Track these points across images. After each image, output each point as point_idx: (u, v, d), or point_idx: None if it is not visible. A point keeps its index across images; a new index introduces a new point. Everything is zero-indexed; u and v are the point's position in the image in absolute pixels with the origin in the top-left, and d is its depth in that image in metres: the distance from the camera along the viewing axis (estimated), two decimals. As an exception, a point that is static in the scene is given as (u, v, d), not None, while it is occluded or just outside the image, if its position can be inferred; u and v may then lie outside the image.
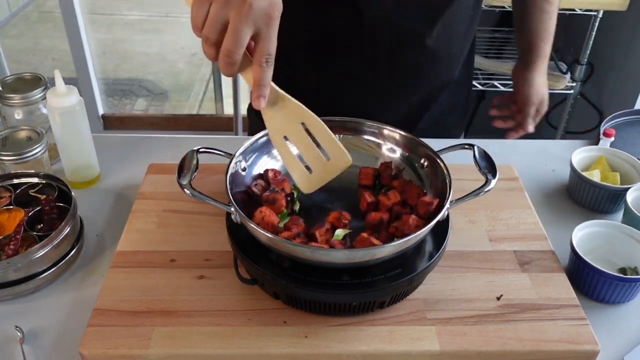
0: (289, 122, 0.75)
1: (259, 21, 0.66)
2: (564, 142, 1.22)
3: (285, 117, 0.74)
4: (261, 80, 0.69)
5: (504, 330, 0.76)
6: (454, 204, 0.78)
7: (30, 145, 0.98)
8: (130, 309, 0.78)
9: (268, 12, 0.67)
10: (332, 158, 0.76)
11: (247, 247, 0.78)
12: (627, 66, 2.14)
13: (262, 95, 0.70)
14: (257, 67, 0.69)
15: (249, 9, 0.65)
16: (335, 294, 0.74)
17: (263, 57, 0.68)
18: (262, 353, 0.73)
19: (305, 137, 0.75)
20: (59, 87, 0.96)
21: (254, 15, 0.65)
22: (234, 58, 0.66)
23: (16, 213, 0.89)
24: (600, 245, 0.90)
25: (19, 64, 3.40)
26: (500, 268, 0.86)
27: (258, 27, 0.67)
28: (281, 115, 0.74)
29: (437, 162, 0.85)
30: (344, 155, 0.76)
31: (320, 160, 0.76)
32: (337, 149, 0.76)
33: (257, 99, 0.70)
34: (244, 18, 0.65)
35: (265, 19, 0.67)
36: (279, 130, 0.75)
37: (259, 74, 0.69)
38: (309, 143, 0.75)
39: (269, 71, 0.69)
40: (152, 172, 1.02)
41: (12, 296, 0.83)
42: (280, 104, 0.74)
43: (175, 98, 3.30)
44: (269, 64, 0.69)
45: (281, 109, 0.74)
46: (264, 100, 0.70)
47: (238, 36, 0.65)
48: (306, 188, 0.79)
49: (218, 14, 0.65)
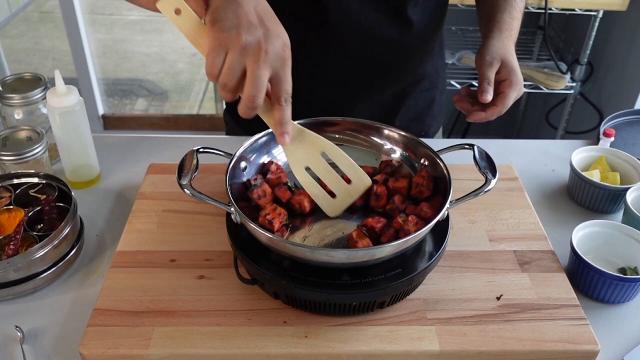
0: (310, 153, 0.79)
1: (276, 64, 0.69)
2: (564, 142, 1.22)
3: (305, 149, 0.79)
4: (283, 118, 0.73)
5: (504, 330, 0.76)
6: (454, 204, 0.78)
7: (30, 145, 0.98)
8: (130, 309, 0.78)
9: (282, 55, 0.70)
10: (353, 181, 0.81)
11: (247, 247, 0.78)
12: (627, 66, 2.14)
13: (286, 132, 0.74)
14: (278, 106, 0.72)
15: (265, 55, 0.68)
16: (335, 294, 0.74)
17: (282, 97, 0.72)
18: (262, 353, 0.73)
19: (326, 165, 0.80)
20: (59, 87, 0.96)
21: (270, 60, 0.68)
22: (257, 103, 0.69)
23: (16, 213, 0.89)
24: (600, 245, 0.90)
25: (19, 64, 3.40)
26: (500, 268, 0.86)
27: (275, 70, 0.70)
28: (302, 147, 0.79)
29: (437, 162, 0.85)
30: (363, 177, 0.82)
31: (342, 185, 0.81)
32: (356, 172, 0.81)
33: (282, 135, 0.74)
34: (262, 64, 0.68)
35: (281, 62, 0.70)
36: (300, 162, 0.80)
37: (280, 113, 0.73)
38: (330, 170, 0.80)
39: (288, 109, 0.73)
40: (152, 172, 1.02)
41: (12, 296, 0.83)
42: (300, 138, 0.78)
43: (175, 98, 3.30)
44: (288, 103, 0.72)
45: (301, 142, 0.79)
46: (288, 137, 0.75)
47: (259, 82, 0.68)
48: (332, 212, 0.82)
49: (236, 62, 0.68)
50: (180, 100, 3.28)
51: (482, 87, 0.92)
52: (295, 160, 0.79)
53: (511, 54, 0.96)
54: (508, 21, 1.00)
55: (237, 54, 0.67)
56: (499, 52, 0.94)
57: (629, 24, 2.12)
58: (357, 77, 1.10)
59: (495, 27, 0.99)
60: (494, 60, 0.93)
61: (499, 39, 0.96)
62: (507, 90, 0.92)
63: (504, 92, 0.92)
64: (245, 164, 0.87)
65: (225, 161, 0.84)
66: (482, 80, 0.92)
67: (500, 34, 0.98)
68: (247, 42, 0.67)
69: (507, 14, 1.00)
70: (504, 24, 0.99)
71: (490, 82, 0.92)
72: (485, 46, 0.96)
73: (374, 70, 1.10)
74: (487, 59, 0.93)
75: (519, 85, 0.94)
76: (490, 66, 0.93)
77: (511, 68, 0.93)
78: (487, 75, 0.92)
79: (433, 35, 1.14)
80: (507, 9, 1.01)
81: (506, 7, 1.01)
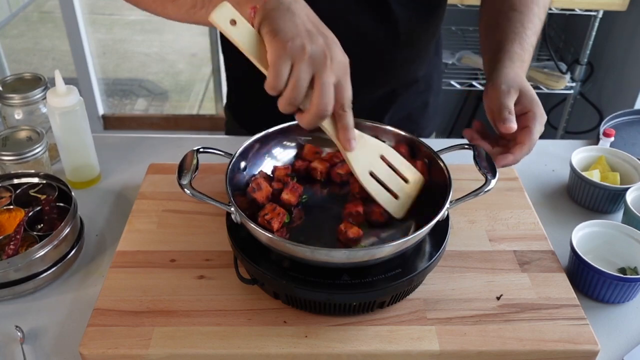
0: (372, 157, 0.80)
1: (339, 72, 0.69)
2: (564, 142, 1.22)
3: (367, 153, 0.79)
4: (348, 124, 0.73)
5: (504, 330, 0.76)
6: (454, 204, 0.78)
7: (30, 145, 0.98)
8: (130, 309, 0.78)
9: (344, 62, 0.70)
10: (410, 180, 0.82)
11: (247, 247, 0.78)
12: (627, 66, 2.14)
13: (353, 138, 0.74)
14: (342, 113, 0.72)
15: (330, 63, 0.67)
16: (335, 294, 0.74)
17: (346, 104, 0.71)
18: (262, 353, 0.73)
19: (387, 168, 0.81)
20: (59, 87, 0.96)
21: (335, 68, 0.68)
22: (329, 112, 0.69)
23: (16, 213, 0.89)
24: (600, 245, 0.90)
25: (19, 64, 3.40)
26: (500, 268, 0.86)
27: (338, 77, 0.69)
28: (363, 152, 0.78)
29: (437, 162, 0.85)
30: (417, 175, 0.83)
31: (402, 185, 0.82)
32: (411, 171, 0.83)
33: (349, 142, 0.74)
34: (330, 72, 0.67)
35: (344, 69, 0.70)
36: (365, 167, 0.79)
37: (345, 120, 0.72)
38: (392, 173, 0.81)
39: (351, 115, 0.73)
40: (152, 172, 1.02)
41: (12, 296, 0.83)
42: (360, 142, 0.78)
43: (175, 98, 3.30)
44: (350, 109, 0.72)
45: (362, 147, 0.78)
46: (354, 142, 0.74)
47: (329, 91, 0.68)
48: (398, 214, 0.82)
49: (304, 73, 0.66)
50: (180, 100, 3.28)
51: (502, 116, 0.83)
52: (360, 166, 0.78)
53: (528, 84, 0.88)
54: (519, 52, 0.91)
55: (305, 64, 0.66)
56: (515, 80, 0.86)
57: (629, 24, 2.12)
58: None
59: (506, 56, 0.90)
60: (511, 88, 0.85)
61: (511, 68, 0.88)
62: (531, 125, 0.83)
63: (527, 127, 0.84)
64: (245, 164, 0.87)
65: (225, 161, 0.84)
66: (501, 109, 0.83)
67: (511, 63, 0.89)
68: (312, 52, 0.66)
69: (518, 45, 0.92)
70: (515, 54, 0.91)
71: (512, 111, 0.83)
72: (499, 75, 0.87)
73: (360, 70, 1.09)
74: (503, 87, 0.85)
75: (543, 118, 0.85)
76: (509, 94, 0.84)
77: (532, 98, 0.85)
78: (507, 103, 0.84)
79: (424, 37, 1.12)
80: (517, 39, 0.93)
81: (516, 38, 0.93)
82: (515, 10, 0.95)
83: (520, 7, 0.95)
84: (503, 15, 0.95)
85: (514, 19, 0.94)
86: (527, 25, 0.93)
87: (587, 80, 2.30)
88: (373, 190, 0.80)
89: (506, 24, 0.94)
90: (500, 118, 0.83)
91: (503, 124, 0.83)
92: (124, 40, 3.73)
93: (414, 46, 1.11)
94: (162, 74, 3.47)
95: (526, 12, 0.95)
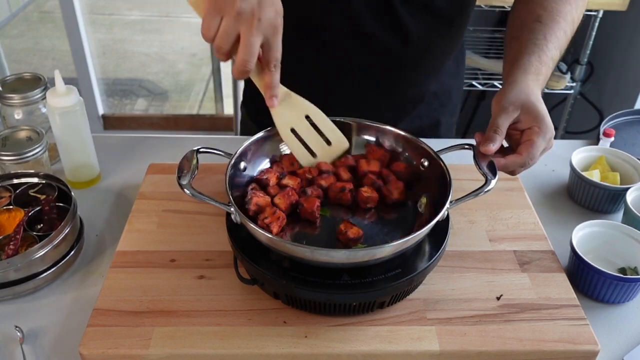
0: (295, 115, 0.86)
1: (267, 32, 0.73)
2: (564, 142, 1.22)
3: (291, 111, 0.85)
4: (272, 82, 0.79)
5: (504, 330, 0.76)
6: (454, 204, 0.78)
7: (30, 145, 0.98)
8: (130, 309, 0.78)
9: (274, 23, 0.74)
10: (333, 143, 0.89)
11: (247, 247, 0.78)
12: (627, 66, 2.14)
13: (275, 95, 0.80)
14: (268, 71, 0.78)
15: (258, 22, 0.71)
16: (335, 294, 0.74)
17: (272, 63, 0.77)
18: (262, 353, 0.73)
19: (309, 127, 0.87)
20: (59, 87, 0.96)
21: (262, 27, 0.72)
22: (249, 67, 0.74)
23: (16, 213, 0.89)
24: (600, 245, 0.90)
25: (19, 64, 3.40)
26: (500, 268, 0.86)
27: (266, 37, 0.74)
28: (288, 110, 0.85)
29: (437, 162, 0.85)
30: (342, 139, 0.89)
31: (323, 146, 0.89)
32: (337, 135, 0.89)
33: (271, 98, 0.80)
34: (255, 30, 0.72)
35: (272, 30, 0.74)
36: (287, 124, 0.86)
37: (270, 78, 0.78)
38: (313, 132, 0.87)
39: (277, 74, 0.79)
40: (152, 172, 1.02)
41: (12, 296, 0.83)
42: (287, 101, 0.84)
43: (175, 98, 3.30)
44: (277, 68, 0.78)
45: (288, 104, 0.84)
46: (276, 100, 0.80)
47: (251, 48, 0.72)
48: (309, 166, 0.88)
49: (230, 28, 0.71)
50: (180, 100, 3.28)
51: (486, 134, 0.82)
52: (282, 121, 0.85)
53: (537, 99, 0.84)
54: (536, 64, 0.87)
55: (232, 19, 0.71)
56: (519, 97, 0.83)
57: (629, 24, 2.12)
58: (347, 85, 1.08)
59: (520, 70, 0.87)
60: (510, 106, 0.82)
61: (521, 82, 0.85)
62: (535, 138, 0.81)
63: (530, 140, 0.81)
64: (245, 164, 0.87)
65: (225, 161, 0.84)
66: (490, 126, 0.82)
67: (525, 77, 0.86)
68: (241, 9, 0.70)
69: (536, 58, 0.88)
70: (531, 66, 0.87)
71: (499, 130, 0.81)
72: (503, 91, 0.85)
73: (366, 80, 1.08)
74: (501, 104, 0.83)
75: (549, 134, 0.82)
76: (504, 113, 0.82)
77: (537, 114, 0.81)
78: (496, 121, 0.82)
79: (438, 52, 1.09)
80: (537, 52, 0.88)
81: (535, 50, 0.89)
82: (540, 22, 0.92)
83: (546, 20, 0.92)
84: (527, 27, 0.92)
85: (537, 30, 0.91)
86: (550, 38, 0.90)
87: (587, 80, 2.30)
88: (289, 142, 0.87)
89: (528, 36, 0.91)
90: (485, 136, 0.82)
91: (482, 143, 0.81)
92: (124, 40, 3.73)
93: (425, 60, 1.09)
94: (162, 74, 3.47)
95: (551, 24, 0.91)
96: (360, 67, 1.07)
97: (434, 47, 1.08)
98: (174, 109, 3.23)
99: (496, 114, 0.83)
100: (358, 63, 1.06)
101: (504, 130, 0.82)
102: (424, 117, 1.17)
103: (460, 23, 1.08)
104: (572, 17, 0.94)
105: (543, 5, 0.93)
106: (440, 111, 1.19)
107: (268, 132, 0.89)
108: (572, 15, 0.94)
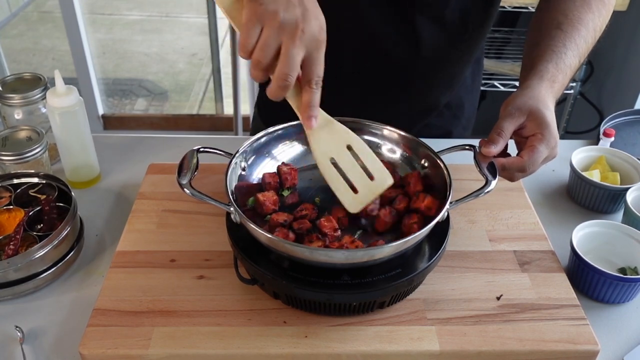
0: (336, 145, 0.78)
1: (310, 45, 0.68)
2: (564, 142, 1.22)
3: (332, 140, 0.77)
4: (312, 101, 0.72)
5: (504, 330, 0.76)
6: (454, 205, 0.78)
7: (30, 145, 0.98)
8: (130, 309, 0.78)
9: (318, 37, 0.69)
10: (376, 178, 0.79)
11: (247, 247, 0.78)
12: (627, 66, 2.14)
13: (314, 116, 0.73)
14: (308, 89, 0.71)
15: (301, 34, 0.67)
16: (335, 294, 0.74)
17: (313, 80, 0.71)
18: (262, 353, 0.73)
19: (351, 159, 0.78)
20: (59, 87, 0.96)
21: (306, 40, 0.67)
22: (289, 81, 0.68)
23: (16, 213, 0.89)
24: (600, 245, 0.90)
25: (19, 64, 3.40)
26: (500, 268, 0.86)
27: (309, 51, 0.69)
28: (328, 138, 0.77)
29: (437, 162, 0.85)
30: (386, 175, 0.79)
31: (365, 181, 0.78)
32: (380, 169, 0.79)
33: (309, 119, 0.73)
34: (298, 41, 0.67)
35: (316, 44, 0.69)
36: (326, 153, 0.77)
37: (309, 96, 0.71)
38: (355, 165, 0.78)
39: (318, 93, 0.72)
40: (152, 172, 1.02)
41: (12, 296, 0.83)
42: (327, 128, 0.77)
43: (175, 98, 3.30)
44: (318, 86, 0.71)
45: (329, 132, 0.77)
46: (315, 120, 0.73)
47: (293, 61, 0.67)
48: (352, 208, 0.79)
49: (271, 39, 0.66)
50: (180, 100, 3.28)
51: (489, 136, 0.82)
52: (320, 149, 0.77)
53: (546, 106, 0.83)
54: (552, 71, 0.87)
55: (274, 30, 0.66)
56: (527, 103, 0.82)
57: (629, 24, 2.12)
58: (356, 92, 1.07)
59: (536, 75, 0.86)
60: (517, 111, 0.82)
61: (534, 89, 0.84)
62: (537, 144, 0.81)
63: (532, 146, 0.81)
64: (245, 164, 0.87)
65: (225, 161, 0.84)
66: (494, 129, 0.82)
67: (539, 83, 0.85)
68: (284, 20, 0.66)
69: (553, 65, 0.87)
70: (547, 72, 0.86)
71: (502, 134, 0.81)
72: (514, 95, 0.85)
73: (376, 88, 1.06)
74: (508, 109, 0.83)
75: (552, 142, 0.82)
76: (510, 117, 0.82)
77: (542, 121, 0.81)
78: (500, 125, 0.82)
79: (453, 62, 1.08)
80: (554, 59, 0.88)
81: (553, 57, 0.88)
82: (561, 29, 0.91)
83: (566, 27, 0.91)
84: (547, 33, 0.92)
85: (556, 37, 0.90)
86: (569, 45, 0.89)
87: (587, 80, 2.30)
88: (329, 175, 0.77)
89: (548, 42, 0.90)
90: (487, 138, 0.82)
91: (484, 144, 0.82)
92: (124, 40, 3.73)
93: (437, 71, 1.07)
94: (162, 74, 3.47)
95: (571, 32, 0.90)
96: (371, 75, 1.05)
97: (447, 58, 1.06)
98: (174, 109, 3.23)
99: (502, 117, 0.83)
100: (369, 71, 1.04)
101: (508, 135, 0.82)
102: (433, 127, 1.16)
103: (475, 36, 1.06)
104: (595, 25, 0.93)
105: (565, 13, 0.92)
106: (452, 122, 1.18)
107: (268, 132, 0.89)
108: (595, 23, 0.93)
